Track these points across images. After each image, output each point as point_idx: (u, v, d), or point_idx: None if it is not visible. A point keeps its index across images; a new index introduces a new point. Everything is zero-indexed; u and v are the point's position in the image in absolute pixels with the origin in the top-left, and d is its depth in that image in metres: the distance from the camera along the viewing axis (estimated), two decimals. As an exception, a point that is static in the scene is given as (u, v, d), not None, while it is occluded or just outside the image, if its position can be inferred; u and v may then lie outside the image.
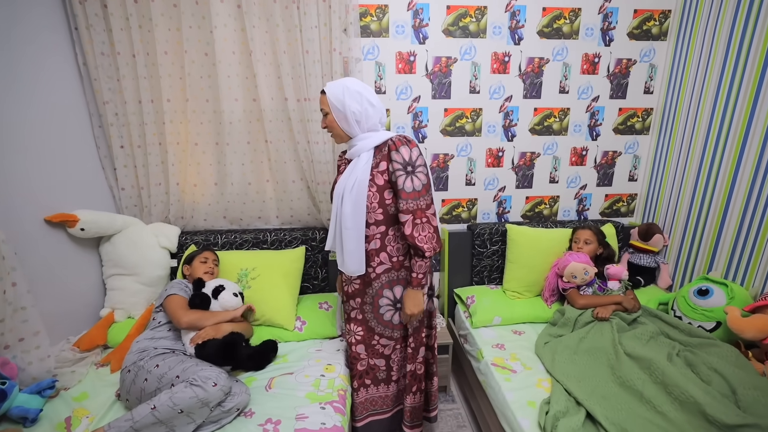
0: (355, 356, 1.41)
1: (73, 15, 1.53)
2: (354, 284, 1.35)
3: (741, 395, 1.14)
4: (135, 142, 1.71)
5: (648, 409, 1.17)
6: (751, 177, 1.54)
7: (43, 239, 1.43)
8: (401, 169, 1.20)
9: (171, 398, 1.07)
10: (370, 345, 1.39)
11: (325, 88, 1.24)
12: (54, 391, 1.26)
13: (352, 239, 1.24)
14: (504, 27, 1.84)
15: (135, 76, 1.64)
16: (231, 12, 1.62)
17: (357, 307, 1.38)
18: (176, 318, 1.34)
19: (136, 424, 1.03)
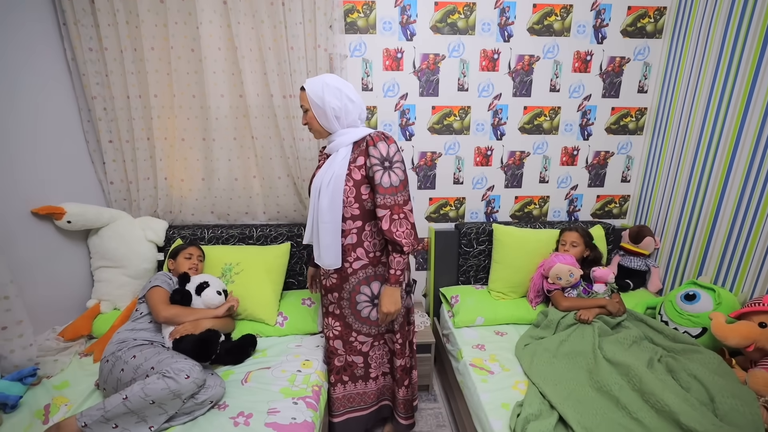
0: (332, 351, 1.43)
1: (62, 10, 1.57)
2: (332, 278, 1.36)
3: (719, 403, 1.13)
4: (123, 137, 1.75)
5: (624, 415, 1.16)
6: (742, 181, 1.52)
7: (30, 231, 1.47)
8: (378, 164, 1.20)
9: (143, 389, 1.09)
10: (347, 341, 1.41)
11: (305, 84, 1.24)
12: (35, 379, 1.30)
13: (328, 233, 1.26)
14: (493, 24, 1.83)
15: (123, 72, 1.67)
16: (217, 8, 1.64)
17: (334, 302, 1.38)
18: (156, 311, 1.37)
19: (107, 413, 1.06)
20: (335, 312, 1.40)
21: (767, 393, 1.13)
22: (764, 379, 1.16)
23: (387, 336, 1.43)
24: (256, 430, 1.12)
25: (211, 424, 1.15)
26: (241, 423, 1.15)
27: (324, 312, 1.44)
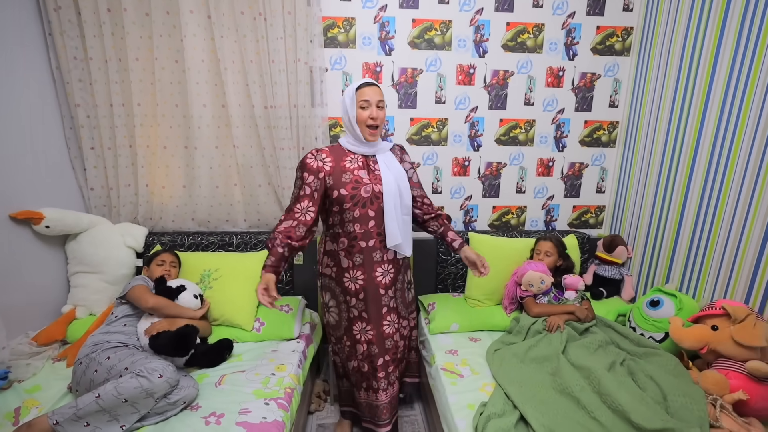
0: (396, 346, 1.57)
1: (48, 21, 1.68)
2: (389, 275, 1.51)
3: (670, 401, 1.24)
4: (105, 144, 1.85)
5: (584, 415, 1.26)
6: (700, 191, 1.66)
7: (8, 235, 1.55)
8: (410, 166, 1.58)
9: (116, 387, 1.17)
10: (403, 335, 1.62)
11: (375, 82, 1.41)
12: (6, 383, 1.36)
13: (408, 225, 1.52)
14: (469, 40, 1.99)
15: (107, 81, 1.78)
16: (201, 22, 1.77)
17: (393, 296, 1.54)
18: (143, 300, 1.46)
19: (79, 411, 1.13)
20: (393, 306, 1.55)
21: (715, 391, 1.24)
22: (713, 379, 1.27)
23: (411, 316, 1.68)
24: (227, 429, 1.20)
25: (182, 424, 1.22)
26: (212, 422, 1.23)
27: (385, 310, 1.51)
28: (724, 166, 1.55)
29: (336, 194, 1.40)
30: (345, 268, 1.48)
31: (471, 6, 1.94)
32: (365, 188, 1.40)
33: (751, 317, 1.30)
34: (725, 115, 1.54)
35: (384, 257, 1.48)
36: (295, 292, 2.06)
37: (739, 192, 1.48)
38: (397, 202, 1.43)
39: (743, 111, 1.47)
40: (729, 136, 1.52)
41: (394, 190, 1.41)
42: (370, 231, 1.43)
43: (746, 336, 1.27)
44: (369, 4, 1.91)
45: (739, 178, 1.48)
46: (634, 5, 2.00)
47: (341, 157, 1.43)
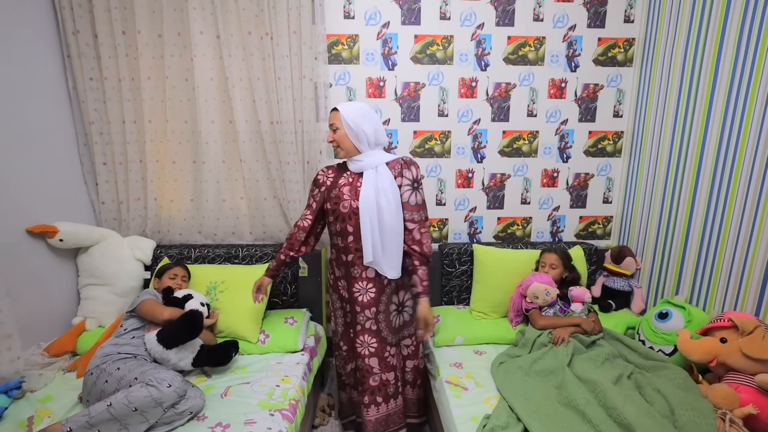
0: (368, 370, 1.52)
1: (66, 44, 1.80)
2: (369, 293, 1.50)
3: (678, 415, 1.23)
4: (117, 159, 1.94)
5: (589, 428, 1.26)
6: (706, 200, 1.67)
7: (25, 248, 1.63)
8: (409, 184, 1.48)
9: (127, 396, 1.21)
10: (383, 358, 1.53)
11: (338, 107, 1.45)
12: (20, 392, 1.42)
13: (394, 244, 1.44)
14: (470, 54, 2.05)
15: (120, 99, 1.88)
16: (210, 42, 1.87)
17: (372, 317, 1.51)
18: (157, 313, 1.50)
19: (92, 420, 1.18)
20: (372, 328, 1.52)
21: (725, 405, 1.23)
22: (723, 393, 1.26)
23: (402, 343, 1.62)
24: (232, 438, 1.23)
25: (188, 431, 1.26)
26: (217, 433, 1.26)
27: (360, 328, 1.52)
28: (729, 174, 1.56)
29: (326, 207, 1.54)
30: (337, 277, 1.58)
31: (472, 21, 2.01)
32: (343, 204, 1.47)
33: (760, 329, 1.29)
34: (728, 123, 1.56)
35: (363, 274, 1.50)
36: (300, 305, 2.10)
37: (745, 200, 1.49)
38: (374, 218, 1.41)
39: (745, 119, 1.49)
40: (732, 144, 1.54)
41: (371, 207, 1.40)
42: (349, 246, 1.49)
43: (755, 348, 1.26)
44: (372, 21, 1.99)
45: (744, 186, 1.49)
46: (635, 17, 2.05)
47: (341, 174, 1.54)
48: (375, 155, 1.48)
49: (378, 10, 1.98)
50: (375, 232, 1.42)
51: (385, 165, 1.48)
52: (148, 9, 1.81)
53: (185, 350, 1.50)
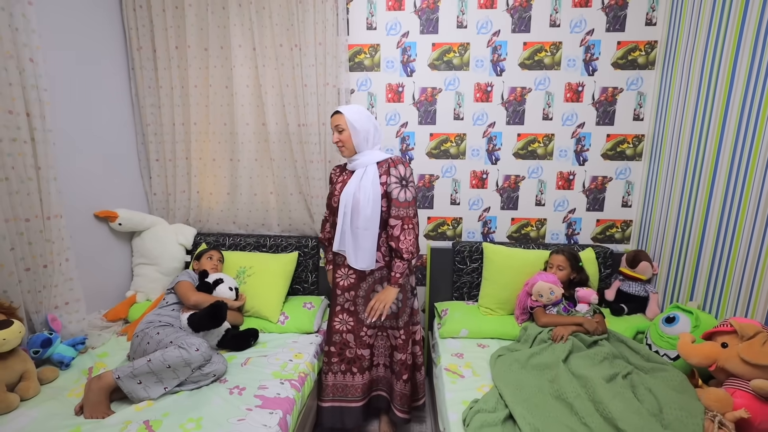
0: (344, 343, 1.71)
1: (131, 58, 2.13)
2: (350, 278, 1.68)
3: (665, 414, 1.26)
4: (167, 157, 2.24)
5: (575, 420, 1.31)
6: (720, 206, 1.64)
7: (92, 230, 1.95)
8: (397, 182, 1.58)
9: (162, 354, 1.45)
10: (358, 336, 1.70)
11: (341, 109, 1.58)
12: (84, 347, 1.72)
13: (367, 239, 1.57)
14: (486, 60, 2.14)
15: (171, 104, 2.18)
16: (247, 54, 2.12)
17: (350, 299, 1.69)
18: (186, 297, 1.74)
19: (135, 371, 1.42)
20: (350, 309, 1.70)
21: (717, 408, 1.24)
22: (716, 396, 1.26)
23: (390, 331, 1.73)
24: (246, 398, 1.43)
25: (212, 392, 1.47)
26: (235, 393, 1.47)
27: (339, 309, 1.72)
28: (742, 178, 1.53)
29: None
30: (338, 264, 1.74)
31: (488, 29, 2.11)
32: (334, 199, 1.65)
33: (762, 335, 1.28)
34: (742, 129, 1.54)
35: (344, 262, 1.66)
36: (320, 293, 2.29)
37: (758, 206, 1.46)
38: (348, 211, 1.55)
39: (759, 125, 1.46)
40: (747, 149, 1.52)
41: (348, 202, 1.56)
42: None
43: (753, 353, 1.25)
44: (393, 31, 2.14)
45: (756, 192, 1.47)
46: (657, 19, 2.04)
47: (342, 172, 1.72)
48: (369, 155, 1.60)
49: (398, 21, 2.13)
50: (346, 223, 1.57)
51: (375, 164, 1.60)
52: (197, 27, 2.10)
53: (211, 334, 1.72)
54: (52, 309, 1.67)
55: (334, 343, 1.73)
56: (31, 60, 1.49)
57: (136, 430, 1.26)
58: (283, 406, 1.40)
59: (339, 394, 1.75)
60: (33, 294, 1.59)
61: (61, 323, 1.69)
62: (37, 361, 1.53)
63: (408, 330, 1.72)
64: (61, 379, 1.54)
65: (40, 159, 1.55)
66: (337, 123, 1.60)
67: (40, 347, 1.54)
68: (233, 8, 2.05)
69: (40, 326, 1.63)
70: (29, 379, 1.42)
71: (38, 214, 1.57)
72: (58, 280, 1.67)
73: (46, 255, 1.61)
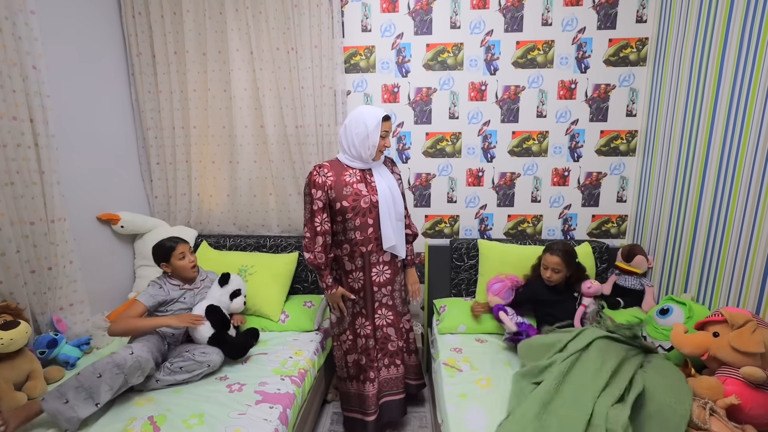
0: (386, 337, 1.75)
1: (131, 64, 2.17)
2: (386, 274, 1.73)
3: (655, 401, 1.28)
4: (167, 160, 2.28)
5: None
6: (711, 199, 1.66)
7: (95, 232, 1.99)
8: (400, 179, 1.82)
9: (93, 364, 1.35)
10: (398, 328, 1.78)
11: (389, 114, 1.64)
12: (89, 348, 1.76)
13: (402, 228, 1.76)
14: (480, 60, 2.18)
15: (171, 108, 2.22)
16: (245, 58, 2.16)
17: (388, 294, 1.75)
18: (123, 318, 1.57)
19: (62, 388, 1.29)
20: (388, 303, 1.75)
21: (709, 396, 1.26)
22: (707, 384, 1.29)
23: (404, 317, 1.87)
24: (247, 394, 1.47)
25: (212, 389, 1.51)
26: (235, 390, 1.50)
27: (378, 305, 1.72)
28: (732, 171, 1.56)
29: (339, 206, 1.60)
30: (348, 270, 1.72)
31: (481, 29, 2.14)
32: (364, 199, 1.64)
33: (751, 323, 1.30)
34: (731, 124, 1.57)
35: (380, 259, 1.71)
36: (320, 292, 2.32)
37: (746, 198, 1.49)
38: (391, 209, 1.67)
39: (746, 120, 1.49)
40: (735, 143, 1.55)
41: (388, 199, 1.66)
42: (369, 237, 1.67)
43: (743, 342, 1.28)
44: (387, 33, 2.18)
45: (745, 185, 1.50)
46: (648, 17, 2.07)
47: (341, 172, 1.64)
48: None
49: (393, 23, 2.17)
50: (393, 220, 1.68)
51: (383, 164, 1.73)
52: (195, 32, 2.14)
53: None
54: (57, 310, 1.71)
55: (377, 341, 1.74)
56: (34, 67, 1.54)
57: (141, 426, 1.29)
58: (284, 401, 1.43)
59: (390, 388, 1.80)
60: (38, 296, 1.63)
61: (66, 324, 1.73)
62: (43, 361, 1.57)
63: (409, 314, 1.91)
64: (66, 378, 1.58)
65: (43, 163, 1.59)
66: (389, 128, 1.66)
67: (46, 348, 1.58)
68: (230, 13, 2.09)
69: (45, 327, 1.67)
70: (36, 379, 1.45)
71: (42, 218, 1.61)
72: (62, 282, 1.71)
73: (51, 257, 1.65)
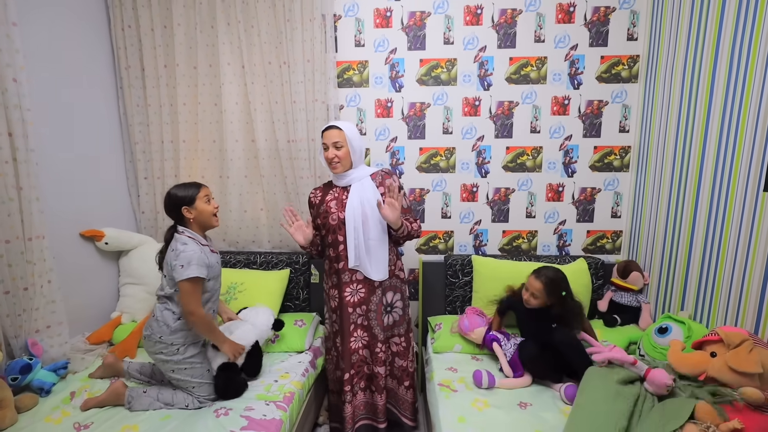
0: (362, 359, 1.67)
1: (120, 77, 2.14)
2: (360, 293, 1.65)
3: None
4: (156, 174, 2.24)
5: None
6: (706, 216, 1.67)
7: (78, 249, 1.93)
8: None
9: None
10: (374, 352, 1.68)
11: (341, 125, 1.59)
12: (66, 372, 1.68)
13: (380, 249, 1.62)
14: (473, 75, 2.19)
15: (160, 122, 2.19)
16: (236, 71, 2.14)
17: (363, 314, 1.67)
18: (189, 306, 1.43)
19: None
20: (363, 324, 1.67)
21: (710, 420, 1.23)
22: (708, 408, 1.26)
23: (391, 340, 1.73)
24: (233, 418, 1.41)
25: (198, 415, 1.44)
26: (222, 414, 1.44)
27: (353, 327, 1.66)
28: (726, 188, 1.57)
29: (317, 223, 1.70)
30: (329, 286, 1.72)
31: (474, 45, 2.16)
32: (332, 216, 1.63)
33: (748, 343, 1.29)
34: (724, 137, 1.58)
35: (353, 278, 1.65)
36: (311, 309, 2.27)
37: (741, 215, 1.49)
38: (359, 226, 1.58)
39: (739, 132, 1.50)
40: (729, 158, 1.55)
41: (357, 216, 1.57)
42: (340, 254, 1.64)
43: (740, 362, 1.26)
44: (380, 48, 2.19)
45: (740, 200, 1.50)
46: (638, 35, 2.11)
47: (327, 191, 1.70)
48: (361, 169, 1.65)
49: (386, 38, 2.18)
50: (359, 238, 1.59)
51: (369, 177, 1.63)
52: (186, 45, 2.12)
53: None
54: (32, 333, 1.64)
55: (353, 365, 1.68)
56: (14, 80, 1.50)
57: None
58: (270, 428, 1.38)
59: (366, 412, 1.73)
60: (12, 318, 1.56)
61: (42, 348, 1.65)
62: (15, 388, 1.49)
63: (407, 337, 1.76)
64: (40, 406, 1.50)
65: (22, 179, 1.54)
66: (336, 140, 1.59)
67: (18, 374, 1.50)
68: (222, 27, 2.08)
69: (19, 351, 1.59)
70: (5, 408, 1.38)
71: (19, 235, 1.55)
72: (39, 302, 1.64)
73: (27, 277, 1.58)
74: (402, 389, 1.75)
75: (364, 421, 1.73)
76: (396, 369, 1.74)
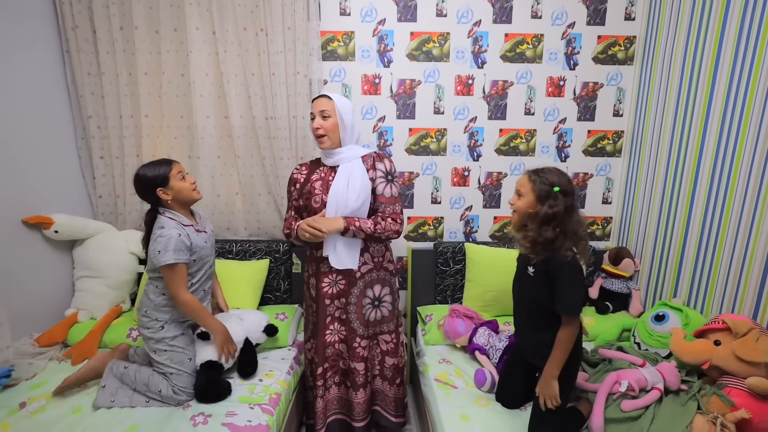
0: (338, 353, 1.56)
1: (66, 39, 1.85)
2: (339, 285, 1.52)
3: None
4: (114, 154, 1.98)
5: None
6: (704, 202, 1.64)
7: (20, 239, 1.68)
8: (383, 177, 1.49)
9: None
10: (351, 347, 1.55)
11: (330, 94, 1.44)
12: (10, 380, 1.46)
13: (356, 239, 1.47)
14: (467, 51, 2.06)
15: (117, 94, 1.92)
16: (206, 38, 1.90)
17: (341, 307, 1.54)
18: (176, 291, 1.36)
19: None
20: (341, 317, 1.55)
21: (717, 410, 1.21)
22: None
23: (380, 337, 1.60)
24: (213, 427, 1.26)
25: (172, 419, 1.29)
26: (200, 422, 1.29)
27: (329, 320, 1.54)
28: (727, 175, 1.54)
29: (298, 204, 1.55)
30: (308, 275, 1.59)
31: (469, 18, 2.02)
32: (315, 199, 1.47)
33: (755, 332, 1.27)
34: (726, 124, 1.54)
35: (332, 268, 1.48)
36: (293, 301, 2.12)
37: (743, 201, 1.47)
38: (340, 210, 1.42)
39: (744, 120, 1.47)
40: (731, 145, 1.52)
41: (340, 201, 1.41)
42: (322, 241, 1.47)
43: (748, 351, 1.24)
44: (368, 18, 2.01)
45: (742, 187, 1.47)
46: (636, 14, 2.04)
47: (314, 170, 1.53)
48: (353, 149, 1.49)
49: (374, 7, 2.00)
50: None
51: (360, 159, 1.48)
52: (146, 5, 1.86)
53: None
54: (-32, 337, 1.40)
55: (327, 358, 1.56)
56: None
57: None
58: (257, 437, 1.24)
59: (340, 407, 1.61)
60: (-59, 321, 1.32)
61: (-21, 354, 1.42)
62: (-53, 402, 1.27)
63: (397, 333, 1.64)
64: (-19, 422, 1.29)
65: (-54, 156, 1.28)
66: (324, 108, 1.43)
67: (-49, 385, 1.28)
68: (188, -15, 1.83)
69: (-49, 359, 1.36)
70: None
71: (-54, 223, 1.30)
72: (-27, 302, 1.40)
73: (-42, 272, 1.34)
74: (393, 388, 1.63)
75: (337, 416, 1.62)
76: (387, 369, 1.61)
